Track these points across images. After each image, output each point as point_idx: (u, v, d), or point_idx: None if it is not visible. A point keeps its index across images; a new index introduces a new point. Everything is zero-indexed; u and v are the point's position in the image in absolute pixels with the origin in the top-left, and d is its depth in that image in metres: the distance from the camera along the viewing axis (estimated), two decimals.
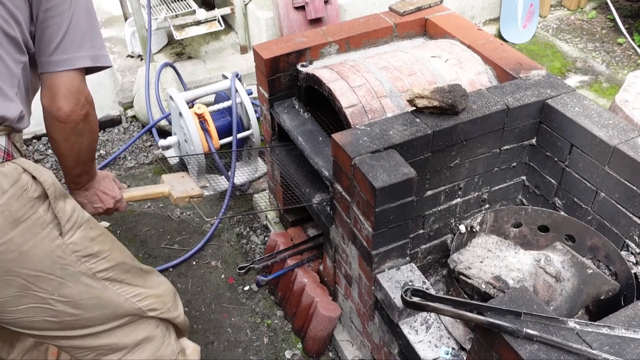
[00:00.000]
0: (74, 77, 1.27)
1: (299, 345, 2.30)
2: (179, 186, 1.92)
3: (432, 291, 1.71)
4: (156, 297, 1.57)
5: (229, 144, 2.89)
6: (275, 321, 2.40)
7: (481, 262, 1.66)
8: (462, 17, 2.40)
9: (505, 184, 2.09)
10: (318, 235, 2.49)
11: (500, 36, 4.37)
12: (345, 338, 2.24)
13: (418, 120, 1.79)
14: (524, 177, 2.11)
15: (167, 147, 2.99)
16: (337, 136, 1.75)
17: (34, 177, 1.26)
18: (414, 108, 1.83)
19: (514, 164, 2.03)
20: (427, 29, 2.43)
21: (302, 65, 2.23)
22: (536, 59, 4.16)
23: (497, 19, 4.51)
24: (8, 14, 1.17)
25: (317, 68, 2.15)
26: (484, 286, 1.59)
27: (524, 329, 1.16)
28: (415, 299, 1.24)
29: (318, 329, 2.19)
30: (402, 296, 1.24)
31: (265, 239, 2.77)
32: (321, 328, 2.18)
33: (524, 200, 2.16)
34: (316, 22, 3.56)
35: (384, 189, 1.57)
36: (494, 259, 1.68)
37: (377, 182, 1.57)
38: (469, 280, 1.61)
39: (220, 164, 2.85)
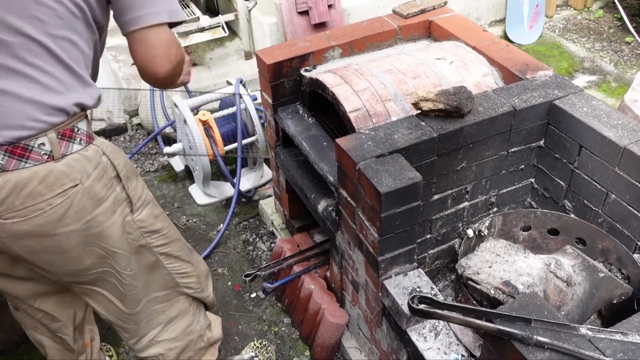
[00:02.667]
0: (159, 32, 1.27)
1: (307, 353, 2.27)
2: None
3: (441, 297, 1.69)
4: (197, 276, 1.69)
5: (234, 150, 2.87)
6: (283, 328, 2.38)
7: (490, 267, 1.63)
8: (466, 19, 2.37)
9: (514, 187, 2.06)
10: (324, 241, 2.46)
11: (506, 37, 4.34)
12: (353, 345, 2.21)
13: (423, 123, 1.77)
14: (532, 180, 2.07)
15: (172, 155, 2.98)
16: (341, 141, 1.72)
17: (109, 159, 1.36)
18: (419, 111, 1.80)
19: (522, 166, 2.00)
20: (431, 31, 2.41)
21: (306, 70, 2.21)
22: (543, 60, 4.12)
23: (502, 20, 4.47)
24: None
25: (321, 72, 2.13)
26: (492, 292, 1.56)
27: (535, 336, 1.13)
28: (423, 307, 1.22)
29: (325, 337, 2.16)
30: (409, 304, 1.22)
31: (272, 245, 2.75)
32: (329, 335, 2.15)
33: (533, 202, 2.12)
34: (320, 26, 3.54)
35: (389, 194, 1.54)
36: (502, 264, 1.64)
37: (382, 187, 1.54)
38: (478, 286, 1.58)
39: (226, 170, 2.83)
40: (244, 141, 2.88)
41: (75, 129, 1.28)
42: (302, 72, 2.20)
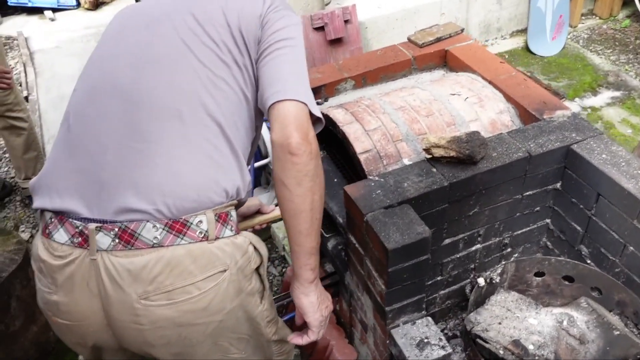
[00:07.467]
0: (299, 109, 1.22)
1: None
2: None
3: (449, 349, 1.65)
4: (289, 352, 1.63)
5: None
6: None
7: (499, 323, 1.59)
8: (483, 49, 2.31)
9: (529, 228, 2.00)
10: (335, 272, 2.43)
11: (527, 49, 4.24)
12: None
13: (434, 170, 1.72)
14: (548, 221, 2.01)
15: None
16: (349, 189, 1.69)
17: (255, 248, 1.31)
18: (430, 156, 1.76)
19: (538, 208, 1.94)
20: (447, 61, 2.35)
21: (317, 103, 2.17)
22: (566, 73, 4.02)
23: (524, 30, 4.38)
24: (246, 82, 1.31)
25: (332, 107, 2.10)
26: (502, 352, 1.52)
27: None
28: None
29: None
30: None
31: (283, 270, 2.74)
32: None
33: (548, 243, 2.06)
34: (336, 42, 3.50)
35: (396, 250, 1.51)
36: (513, 320, 1.60)
37: (390, 243, 1.51)
38: (486, 345, 1.54)
39: None
40: (257, 164, 2.86)
41: (229, 215, 1.25)
42: None
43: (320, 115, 1.29)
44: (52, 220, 1.21)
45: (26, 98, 3.84)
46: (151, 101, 1.22)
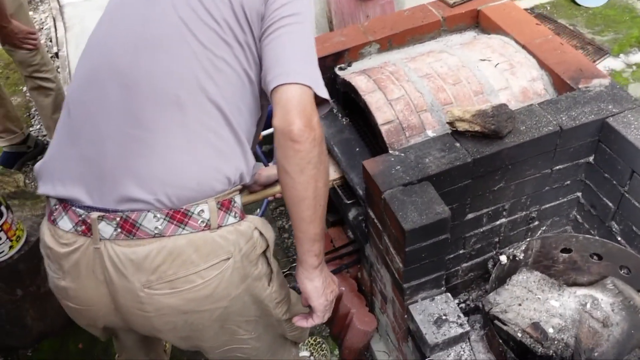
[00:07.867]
0: (303, 93, 1.15)
1: (336, 352, 2.29)
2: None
3: (467, 326, 1.63)
4: (302, 329, 1.61)
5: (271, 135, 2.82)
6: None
7: (519, 304, 1.55)
8: (518, 8, 2.16)
9: (558, 202, 1.92)
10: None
11: None
12: (381, 348, 2.20)
13: (458, 144, 1.65)
14: (579, 194, 1.93)
15: None
16: (368, 164, 1.64)
17: (260, 233, 1.29)
18: (454, 129, 1.68)
19: (568, 182, 1.86)
20: (479, 21, 2.22)
21: (340, 68, 2.10)
22: (612, 26, 3.77)
23: None
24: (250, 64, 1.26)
25: (355, 73, 2.02)
26: (520, 334, 1.49)
27: None
28: None
29: (353, 341, 2.16)
30: None
31: None
32: (356, 340, 2.15)
33: (578, 217, 1.98)
34: None
35: (413, 230, 1.47)
36: (534, 302, 1.56)
37: (407, 223, 1.47)
38: (504, 327, 1.51)
39: (261, 154, 2.81)
40: None
41: (233, 202, 1.23)
42: (337, 70, 2.09)
43: (327, 96, 1.22)
44: (57, 207, 1.21)
45: (57, 54, 3.85)
46: (150, 87, 1.18)
